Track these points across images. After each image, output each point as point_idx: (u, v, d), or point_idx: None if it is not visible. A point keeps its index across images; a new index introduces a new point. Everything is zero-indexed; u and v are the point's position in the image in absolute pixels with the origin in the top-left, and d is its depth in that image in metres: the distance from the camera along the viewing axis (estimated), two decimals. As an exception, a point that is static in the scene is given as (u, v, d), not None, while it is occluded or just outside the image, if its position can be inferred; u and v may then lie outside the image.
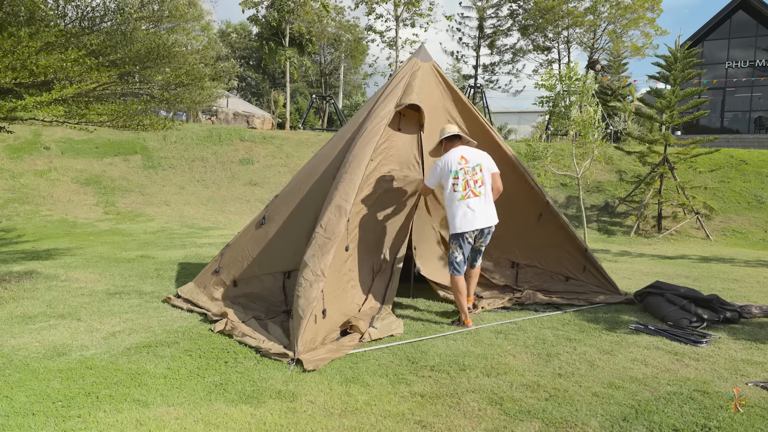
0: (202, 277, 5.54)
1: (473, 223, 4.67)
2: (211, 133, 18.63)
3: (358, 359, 3.86)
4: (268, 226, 5.29)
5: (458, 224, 4.68)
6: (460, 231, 4.67)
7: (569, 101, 10.28)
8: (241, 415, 2.97)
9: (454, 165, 4.71)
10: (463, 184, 4.68)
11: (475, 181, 4.70)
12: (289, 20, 26.55)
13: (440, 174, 4.75)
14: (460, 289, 4.75)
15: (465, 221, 4.66)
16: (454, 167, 4.71)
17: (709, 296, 5.16)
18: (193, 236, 11.15)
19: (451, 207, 4.71)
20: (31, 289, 5.86)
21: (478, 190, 4.71)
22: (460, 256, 4.76)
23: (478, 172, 4.72)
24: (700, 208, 13.47)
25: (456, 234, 4.72)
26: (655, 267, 8.61)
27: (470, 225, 4.66)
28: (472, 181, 4.69)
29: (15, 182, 14.69)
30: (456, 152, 4.77)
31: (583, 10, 26.92)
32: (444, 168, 4.72)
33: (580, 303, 5.56)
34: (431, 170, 4.84)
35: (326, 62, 39.47)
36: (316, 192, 5.15)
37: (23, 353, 3.87)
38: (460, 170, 4.70)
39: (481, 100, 25.39)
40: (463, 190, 4.68)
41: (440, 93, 5.60)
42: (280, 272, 5.05)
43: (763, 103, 26.46)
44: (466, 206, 4.67)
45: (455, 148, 4.81)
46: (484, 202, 4.73)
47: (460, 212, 4.66)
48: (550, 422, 2.94)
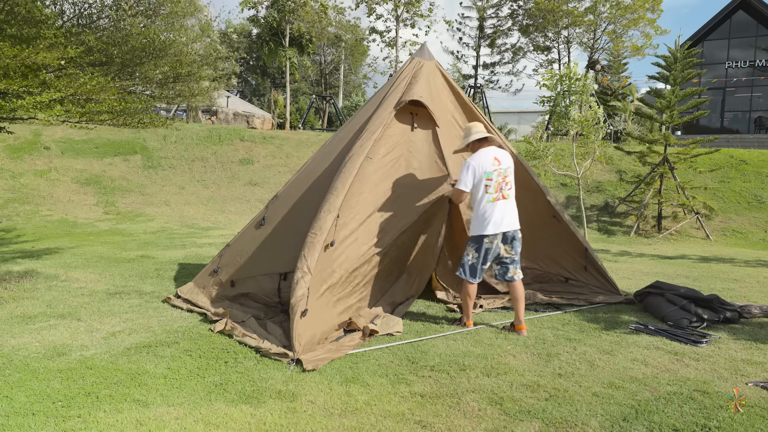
0: (202, 278, 5.54)
1: (500, 225, 4.56)
2: (211, 133, 18.63)
3: (358, 359, 3.86)
4: (266, 227, 5.29)
5: (485, 226, 4.56)
6: (486, 233, 4.55)
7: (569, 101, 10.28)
8: (241, 415, 2.97)
9: (488, 166, 4.59)
10: (495, 186, 4.58)
11: (505, 183, 4.63)
12: (289, 20, 26.54)
13: (474, 174, 4.60)
14: (470, 293, 4.67)
15: (492, 223, 4.54)
16: (488, 168, 4.59)
17: (709, 296, 5.16)
18: (193, 236, 11.15)
19: (480, 208, 4.60)
20: (31, 289, 5.86)
21: (507, 193, 4.64)
22: (474, 259, 4.64)
23: (509, 175, 4.66)
24: (700, 208, 13.47)
25: (478, 236, 4.61)
26: (655, 267, 8.61)
27: (497, 227, 4.55)
28: (503, 184, 4.61)
29: (15, 182, 14.69)
30: (489, 153, 4.65)
31: (583, 10, 26.93)
32: (477, 170, 4.59)
33: (580, 303, 5.56)
34: (462, 173, 4.64)
35: (326, 62, 39.47)
36: (313, 193, 5.14)
37: (23, 353, 3.86)
38: (493, 171, 4.59)
39: (481, 100, 25.40)
40: (495, 192, 4.58)
41: (444, 91, 5.62)
42: (277, 273, 5.05)
43: (763, 103, 26.46)
44: (495, 208, 4.57)
45: (487, 149, 4.69)
46: (512, 206, 4.66)
47: (489, 214, 4.56)
48: (550, 422, 2.94)
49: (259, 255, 5.17)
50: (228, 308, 4.82)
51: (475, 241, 4.64)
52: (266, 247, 5.18)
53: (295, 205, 5.26)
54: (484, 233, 4.56)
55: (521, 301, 4.63)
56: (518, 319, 4.61)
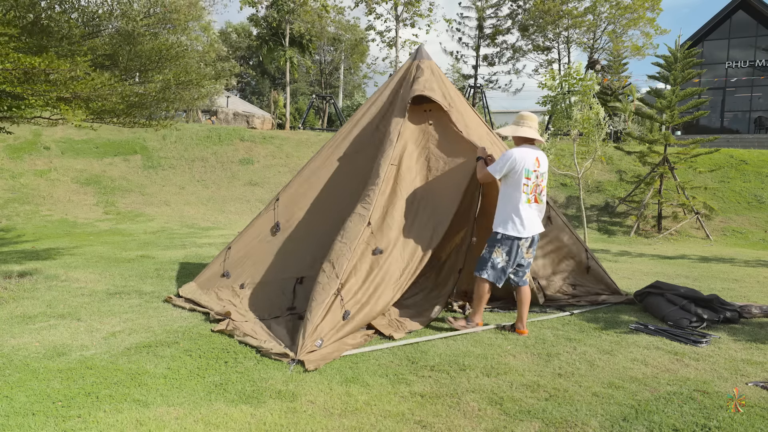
0: (206, 278, 5.53)
1: (531, 229, 4.44)
2: (211, 133, 18.63)
3: (358, 359, 3.86)
4: (283, 232, 5.28)
5: (518, 228, 4.41)
6: (521, 235, 4.41)
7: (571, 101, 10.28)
8: (241, 415, 2.97)
9: (530, 164, 4.41)
10: (532, 187, 4.45)
11: (541, 188, 4.53)
12: (289, 20, 26.55)
13: (511, 167, 4.39)
14: (483, 295, 4.52)
15: (527, 226, 4.41)
16: (530, 166, 4.42)
17: (709, 296, 5.16)
18: (193, 236, 11.15)
19: (515, 206, 4.42)
20: (31, 289, 5.86)
21: (541, 198, 4.54)
22: (503, 261, 4.46)
23: (544, 179, 4.55)
24: (700, 208, 13.47)
25: (510, 236, 4.44)
26: (655, 267, 8.61)
27: (530, 230, 4.43)
28: (539, 188, 4.50)
29: (15, 182, 14.69)
30: (533, 152, 4.49)
31: (583, 9, 26.93)
32: (518, 163, 4.38)
33: (580, 303, 5.56)
34: (501, 159, 4.47)
35: (326, 62, 39.47)
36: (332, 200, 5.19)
37: (23, 353, 3.87)
38: (533, 172, 4.44)
39: (481, 100, 25.40)
40: (531, 193, 4.45)
41: (449, 84, 5.63)
42: (293, 277, 5.06)
43: (763, 103, 26.46)
44: (530, 211, 4.45)
45: (531, 147, 4.52)
46: (542, 210, 4.59)
47: (524, 215, 4.41)
48: (550, 422, 2.94)
49: (273, 259, 5.17)
50: (232, 308, 4.82)
51: (504, 242, 4.45)
52: (282, 252, 5.18)
53: (310, 210, 5.25)
54: (519, 235, 4.41)
55: (527, 305, 4.56)
56: (521, 322, 4.55)
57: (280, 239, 5.27)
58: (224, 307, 4.90)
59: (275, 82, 42.65)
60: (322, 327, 3.99)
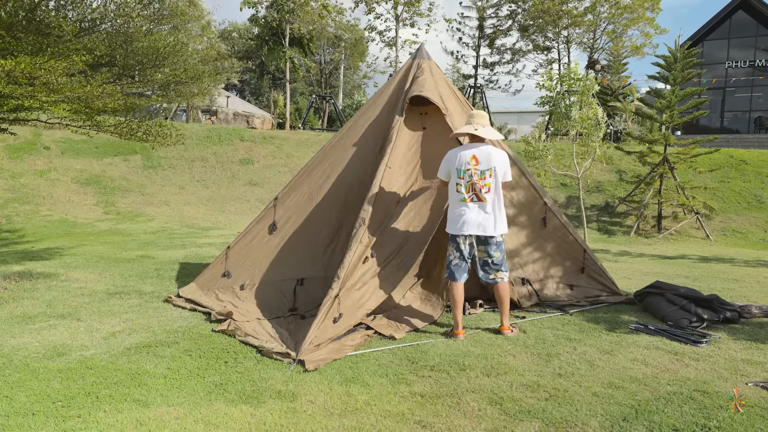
0: (207, 278, 5.52)
1: (468, 228, 4.44)
2: (211, 133, 18.63)
3: (358, 359, 3.86)
4: (281, 232, 5.28)
5: (455, 226, 4.50)
6: (454, 232, 4.50)
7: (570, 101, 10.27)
8: (241, 415, 2.97)
9: (462, 164, 4.47)
10: (467, 186, 4.44)
11: (482, 186, 4.43)
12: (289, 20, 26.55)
13: (446, 167, 4.53)
14: (455, 298, 4.48)
15: (462, 224, 4.45)
16: (461, 166, 4.47)
17: (709, 296, 5.16)
18: (193, 236, 11.15)
19: (452, 206, 4.55)
20: (31, 289, 5.86)
21: (484, 195, 4.44)
22: (456, 259, 4.53)
23: (487, 177, 4.44)
24: (700, 208, 13.47)
25: (452, 235, 4.55)
26: (655, 267, 8.61)
27: (465, 229, 4.45)
28: (478, 186, 4.43)
29: (15, 182, 14.69)
30: (470, 151, 4.49)
31: (583, 9, 26.93)
32: (450, 163, 4.51)
33: (580, 303, 5.56)
34: (443, 161, 4.59)
35: (326, 62, 39.46)
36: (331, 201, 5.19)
37: (23, 353, 3.87)
38: (466, 171, 4.45)
39: (481, 100, 25.40)
40: (467, 192, 4.44)
41: (447, 85, 5.64)
42: (293, 279, 5.06)
43: (763, 103, 26.46)
44: (467, 209, 4.45)
45: (471, 145, 4.54)
46: (488, 209, 4.45)
47: (456, 213, 4.49)
48: (550, 422, 2.94)
49: (273, 260, 5.17)
50: (234, 309, 4.82)
51: (451, 240, 4.56)
52: (281, 253, 5.18)
53: (310, 211, 5.25)
54: (455, 233, 4.49)
55: (505, 303, 4.55)
56: (501, 321, 4.58)
57: (279, 240, 5.27)
58: (225, 307, 4.90)
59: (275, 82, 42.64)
60: (324, 328, 4.01)
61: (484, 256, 4.54)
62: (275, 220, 5.34)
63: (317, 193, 5.32)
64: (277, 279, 5.09)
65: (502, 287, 4.57)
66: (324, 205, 5.25)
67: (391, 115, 5.35)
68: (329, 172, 5.40)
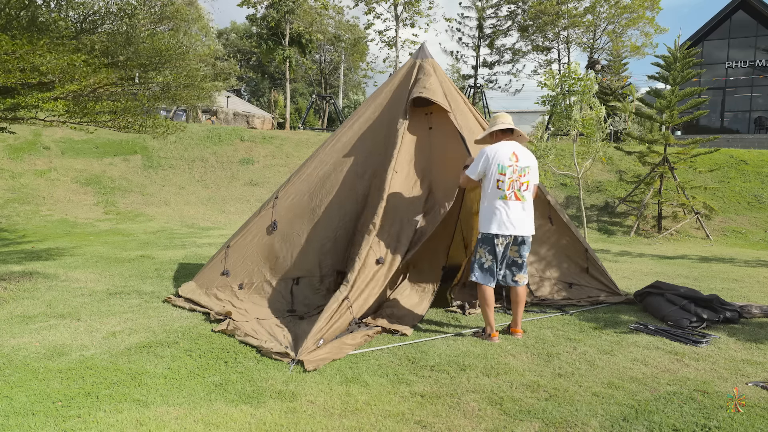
0: (205, 277, 5.52)
1: (509, 227, 4.24)
2: (211, 133, 18.63)
3: (358, 359, 3.86)
4: (280, 231, 5.28)
5: (494, 225, 4.25)
6: (494, 232, 4.25)
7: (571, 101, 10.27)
8: (241, 415, 2.97)
9: (504, 159, 4.24)
10: (508, 183, 4.24)
11: (521, 183, 4.28)
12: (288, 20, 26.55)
13: (486, 165, 4.27)
14: (487, 300, 4.33)
15: (502, 224, 4.24)
16: (503, 161, 4.23)
17: (709, 296, 5.16)
18: (193, 236, 11.15)
19: (490, 205, 4.29)
20: (31, 289, 5.86)
21: (523, 194, 4.29)
22: (488, 261, 4.33)
23: (525, 174, 4.30)
24: (700, 208, 13.47)
25: (488, 235, 4.30)
26: (655, 267, 8.61)
27: (506, 229, 4.24)
28: (518, 183, 4.27)
29: (15, 182, 14.69)
30: (508, 146, 4.30)
31: (582, 10, 26.94)
32: (492, 159, 4.25)
33: (580, 303, 5.56)
34: (475, 159, 4.35)
35: (326, 62, 39.47)
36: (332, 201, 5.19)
37: (23, 353, 3.86)
38: (509, 167, 4.24)
39: (481, 100, 25.41)
40: (507, 189, 4.24)
41: (450, 84, 5.63)
42: (290, 278, 5.06)
43: (763, 103, 26.46)
44: (507, 208, 4.25)
45: (508, 142, 4.36)
46: (526, 208, 4.33)
47: (499, 213, 4.25)
48: (550, 422, 2.94)
49: (271, 259, 5.17)
50: (233, 308, 4.82)
51: (485, 241, 4.34)
52: (279, 252, 5.18)
53: (308, 211, 5.25)
54: (494, 232, 4.27)
55: (521, 306, 4.44)
56: (515, 322, 4.48)
57: (277, 239, 5.26)
58: (224, 306, 4.90)
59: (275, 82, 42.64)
60: (328, 331, 4.01)
61: (515, 255, 4.41)
62: (275, 220, 5.33)
63: (317, 192, 5.31)
64: (276, 278, 5.09)
65: (522, 290, 4.44)
66: (323, 205, 5.23)
67: (394, 116, 5.33)
68: (330, 172, 5.38)
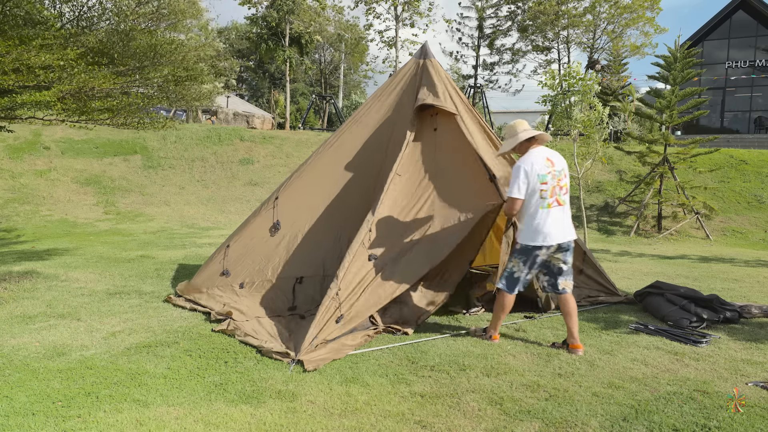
0: (205, 277, 5.52)
1: (555, 236, 4.07)
2: (211, 133, 18.63)
3: (358, 359, 3.86)
4: (283, 231, 5.27)
5: (539, 237, 4.06)
6: (539, 244, 4.06)
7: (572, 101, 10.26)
8: (241, 415, 2.97)
9: (541, 168, 4.07)
10: (550, 190, 4.07)
11: (560, 187, 4.12)
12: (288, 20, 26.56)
13: (525, 180, 4.06)
14: (504, 307, 4.21)
15: (547, 235, 4.05)
16: (541, 170, 4.07)
17: (709, 296, 5.16)
18: (193, 236, 11.15)
19: (533, 215, 4.09)
20: (31, 289, 5.86)
21: (563, 198, 4.14)
22: (522, 272, 4.16)
23: (563, 177, 4.15)
24: (700, 208, 13.47)
25: (529, 247, 4.11)
26: (655, 267, 8.61)
27: (551, 239, 4.06)
28: (558, 188, 4.10)
29: (15, 182, 14.69)
30: (539, 153, 4.15)
31: (582, 10, 26.94)
32: (531, 172, 4.06)
33: (580, 303, 5.55)
34: (513, 178, 4.11)
35: (326, 62, 39.47)
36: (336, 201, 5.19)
37: (23, 353, 3.87)
38: (548, 174, 4.08)
39: (481, 100, 25.41)
40: (550, 197, 4.07)
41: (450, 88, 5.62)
42: (292, 277, 5.06)
43: (763, 103, 26.46)
44: (551, 216, 4.07)
45: (537, 149, 4.19)
46: (565, 211, 4.17)
47: (544, 223, 4.05)
48: (550, 422, 2.94)
49: (273, 259, 5.16)
50: (233, 308, 4.82)
51: (524, 252, 4.15)
52: (280, 251, 5.18)
53: (310, 210, 5.25)
54: (538, 244, 4.07)
55: (574, 316, 4.14)
56: (573, 337, 4.12)
57: (279, 238, 5.26)
58: (225, 306, 4.90)
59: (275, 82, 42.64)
60: (325, 329, 4.01)
61: (559, 263, 4.19)
62: (278, 220, 5.33)
63: (320, 193, 5.30)
64: (277, 277, 5.09)
65: (572, 298, 4.21)
66: (325, 203, 5.23)
67: (398, 118, 5.31)
68: (332, 172, 5.38)
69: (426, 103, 5.09)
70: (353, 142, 5.46)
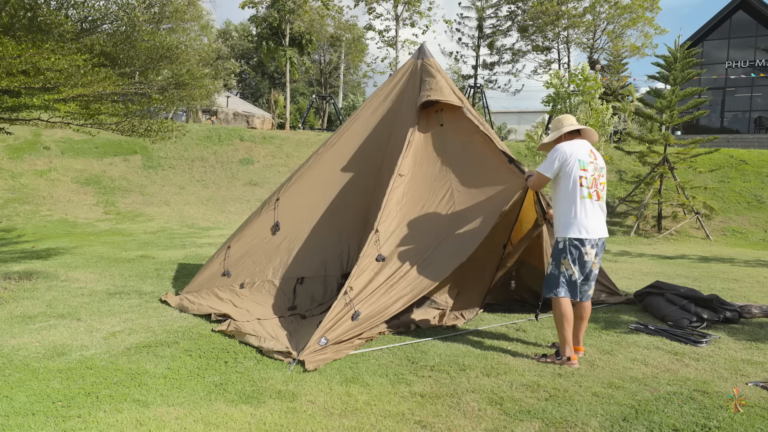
0: (205, 277, 5.51)
1: (597, 230, 3.81)
2: (211, 133, 18.63)
3: (358, 359, 3.86)
4: (284, 232, 5.26)
5: (581, 229, 3.78)
6: (583, 236, 3.78)
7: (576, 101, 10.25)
8: (241, 415, 2.97)
9: (584, 155, 3.85)
10: (591, 180, 3.84)
11: (600, 183, 3.92)
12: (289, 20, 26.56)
13: (563, 160, 3.83)
14: (567, 316, 3.80)
15: (584, 225, 3.78)
16: (584, 157, 3.84)
17: (709, 296, 5.16)
18: (193, 236, 11.15)
19: (571, 205, 3.82)
20: (31, 289, 5.86)
21: (602, 194, 3.94)
22: (576, 272, 3.82)
23: (603, 175, 3.97)
24: (700, 208, 13.47)
25: (573, 241, 3.80)
26: (655, 267, 8.61)
27: (594, 231, 3.79)
28: (598, 183, 3.91)
29: (15, 182, 14.69)
30: (583, 144, 3.94)
31: (582, 10, 26.95)
32: (570, 155, 3.83)
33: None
34: (549, 156, 3.92)
35: (326, 62, 39.47)
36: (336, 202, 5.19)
37: (23, 353, 3.86)
38: (590, 164, 3.86)
39: (481, 99, 25.41)
40: (591, 188, 3.83)
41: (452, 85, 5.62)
42: (293, 277, 5.06)
43: (762, 103, 26.47)
44: (593, 208, 3.83)
45: (580, 140, 3.98)
46: (603, 209, 3.95)
47: (585, 214, 3.79)
48: (550, 422, 2.94)
49: (274, 260, 5.16)
50: (233, 308, 4.82)
51: (569, 250, 3.82)
52: (281, 252, 5.17)
53: (310, 210, 5.24)
54: (583, 237, 3.78)
55: (586, 321, 4.04)
56: (578, 339, 4.00)
57: (280, 239, 5.26)
58: (225, 306, 4.90)
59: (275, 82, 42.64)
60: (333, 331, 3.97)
61: (595, 266, 3.95)
62: (278, 221, 5.33)
63: (321, 194, 5.30)
64: (278, 278, 5.09)
65: (589, 305, 4.06)
66: (325, 204, 5.23)
67: (399, 118, 5.30)
68: (333, 173, 5.37)
69: (430, 99, 5.08)
70: (353, 142, 5.45)
